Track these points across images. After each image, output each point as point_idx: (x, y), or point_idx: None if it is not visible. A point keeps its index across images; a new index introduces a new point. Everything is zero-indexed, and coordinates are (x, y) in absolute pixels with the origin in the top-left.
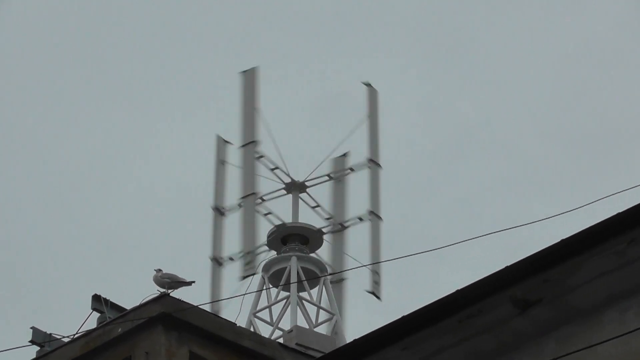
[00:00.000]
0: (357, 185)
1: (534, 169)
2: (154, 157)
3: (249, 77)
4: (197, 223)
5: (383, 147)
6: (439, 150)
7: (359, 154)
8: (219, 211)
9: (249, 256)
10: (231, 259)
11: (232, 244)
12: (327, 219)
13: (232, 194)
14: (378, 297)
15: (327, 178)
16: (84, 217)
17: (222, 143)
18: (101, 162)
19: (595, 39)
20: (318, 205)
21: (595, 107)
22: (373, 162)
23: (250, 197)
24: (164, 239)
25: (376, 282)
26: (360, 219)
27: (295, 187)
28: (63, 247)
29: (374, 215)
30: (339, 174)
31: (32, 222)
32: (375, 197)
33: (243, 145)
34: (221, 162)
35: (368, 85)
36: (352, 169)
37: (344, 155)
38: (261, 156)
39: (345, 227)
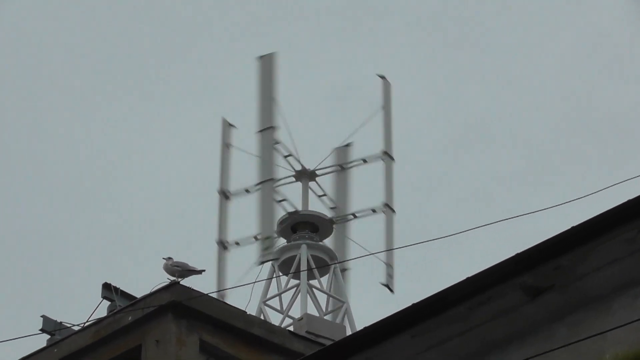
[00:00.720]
0: (370, 176)
1: (545, 160)
2: (163, 145)
3: (267, 63)
4: (208, 210)
5: (396, 138)
6: (452, 142)
7: (372, 145)
8: (225, 195)
9: (267, 241)
10: (237, 243)
11: (238, 228)
12: (332, 208)
13: (238, 178)
14: (391, 290)
15: (338, 168)
16: (94, 205)
17: (227, 126)
18: (110, 150)
19: (606, 30)
20: (324, 194)
21: (606, 97)
22: (387, 155)
23: (268, 183)
24: (175, 227)
25: (390, 275)
26: (374, 211)
27: (305, 175)
28: (73, 235)
29: (388, 208)
30: (350, 165)
31: (43, 211)
32: (389, 189)
33: (260, 131)
34: (226, 146)
35: (382, 77)
36: (365, 160)
37: (348, 145)
38: (277, 142)
39: (356, 217)
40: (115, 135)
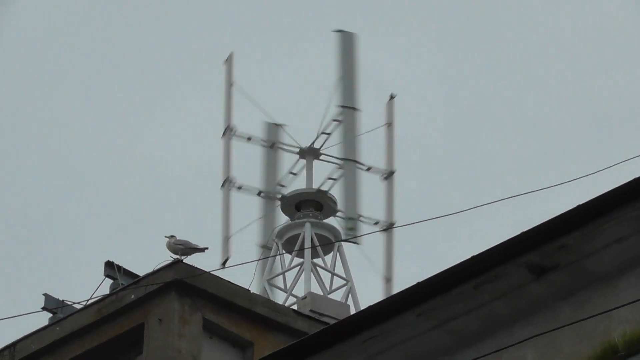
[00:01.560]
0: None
1: (553, 143)
2: (166, 122)
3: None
4: (212, 191)
5: (399, 119)
6: (457, 124)
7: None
8: (230, 131)
9: (351, 222)
10: (240, 188)
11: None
12: (331, 178)
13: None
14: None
15: (341, 144)
16: (97, 183)
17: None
18: (112, 127)
19: (614, 10)
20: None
21: (615, 80)
22: (389, 126)
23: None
24: (178, 205)
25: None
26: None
27: (310, 153)
28: (76, 213)
29: (389, 174)
30: (349, 140)
31: (45, 189)
32: (390, 157)
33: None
34: (230, 84)
35: (391, 96)
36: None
37: (338, 120)
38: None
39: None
40: (117, 111)
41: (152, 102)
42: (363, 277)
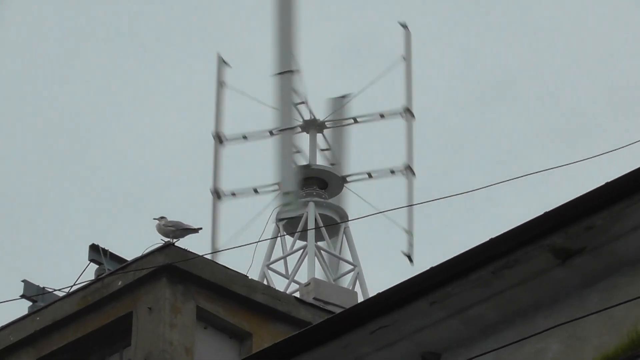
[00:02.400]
0: (387, 133)
1: (578, 120)
2: (153, 99)
3: (286, 3)
4: (202, 171)
5: (416, 93)
6: (477, 99)
7: (391, 99)
8: (219, 139)
9: (288, 196)
10: (233, 194)
11: (235, 178)
12: (332, 164)
13: (234, 122)
14: (411, 261)
15: (351, 121)
16: (80, 162)
17: (222, 64)
18: (96, 103)
19: None
20: (329, 149)
21: None
22: (408, 112)
23: (288, 132)
24: (168, 185)
25: (410, 244)
26: (392, 172)
27: (314, 126)
28: (58, 192)
29: (409, 170)
30: (365, 119)
31: (25, 167)
32: (410, 150)
33: (279, 73)
34: (221, 84)
35: (404, 26)
36: (382, 115)
37: (344, 96)
38: (293, 89)
39: (372, 177)
40: (101, 87)
41: (140, 81)
42: (371, 262)
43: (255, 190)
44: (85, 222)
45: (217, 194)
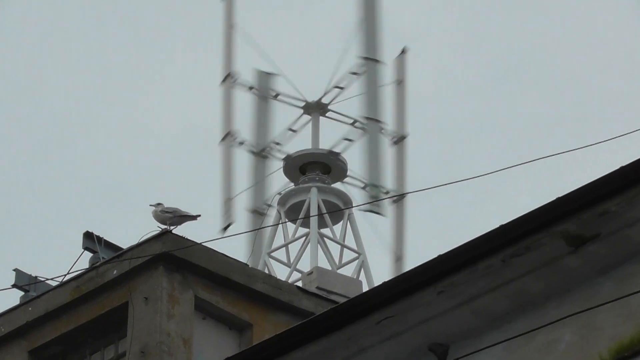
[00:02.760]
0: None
1: (589, 104)
2: (151, 88)
3: None
4: (202, 156)
5: (420, 76)
6: (486, 83)
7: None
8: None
9: (375, 189)
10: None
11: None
12: (347, 139)
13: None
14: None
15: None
16: (75, 145)
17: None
18: (92, 83)
19: None
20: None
21: None
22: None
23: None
24: (165, 171)
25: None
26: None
27: (316, 108)
28: (51, 178)
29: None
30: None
31: (17, 154)
32: (401, 119)
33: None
34: (230, 27)
35: (403, 51)
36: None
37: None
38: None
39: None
40: (97, 65)
41: (136, 55)
42: (376, 250)
43: (263, 155)
44: (79, 209)
45: (230, 136)
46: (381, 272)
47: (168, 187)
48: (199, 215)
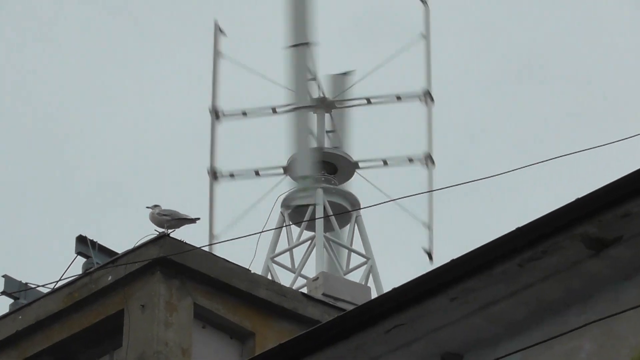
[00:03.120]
0: (404, 117)
1: (613, 102)
2: (145, 89)
3: None
4: (198, 160)
5: (435, 74)
6: (501, 81)
7: (408, 80)
8: (216, 114)
9: (305, 181)
10: (231, 175)
11: (233, 159)
12: (335, 147)
13: (232, 97)
14: (431, 258)
15: (363, 102)
16: (67, 146)
17: (218, 32)
18: (84, 86)
19: None
20: (333, 131)
21: None
22: (428, 96)
23: (303, 110)
24: (163, 171)
25: (431, 240)
26: (410, 160)
27: (324, 106)
28: (42, 180)
29: (429, 159)
30: (379, 100)
31: (5, 153)
32: (430, 137)
33: (294, 46)
34: (218, 54)
35: (424, 2)
36: (398, 98)
37: (345, 73)
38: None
39: (387, 165)
40: (93, 79)
41: (131, 59)
42: (386, 254)
43: (257, 173)
44: (71, 211)
45: (214, 175)
46: (391, 278)
47: (165, 189)
48: (198, 219)
